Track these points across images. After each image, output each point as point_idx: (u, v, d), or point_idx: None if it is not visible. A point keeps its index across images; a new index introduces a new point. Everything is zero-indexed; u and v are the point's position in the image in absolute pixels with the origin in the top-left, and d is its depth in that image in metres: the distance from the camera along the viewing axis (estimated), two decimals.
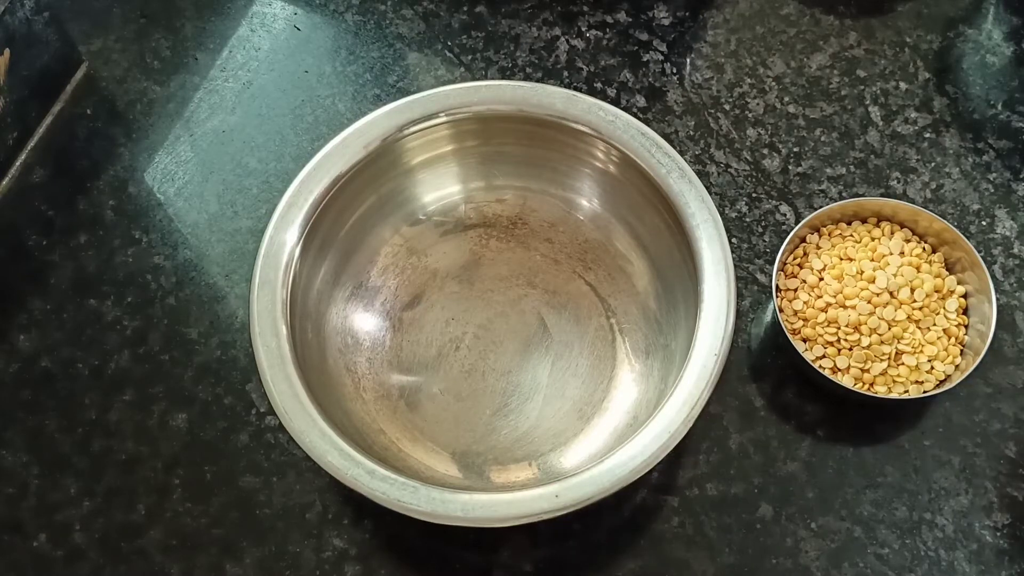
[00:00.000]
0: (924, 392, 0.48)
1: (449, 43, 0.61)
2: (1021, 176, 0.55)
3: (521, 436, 0.48)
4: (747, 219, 0.55)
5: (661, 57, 0.60)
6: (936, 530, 0.47)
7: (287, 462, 0.49)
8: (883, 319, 0.48)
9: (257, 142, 0.58)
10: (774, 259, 0.53)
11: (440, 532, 0.42)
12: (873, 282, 0.49)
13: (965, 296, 0.49)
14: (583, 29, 0.61)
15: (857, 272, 0.49)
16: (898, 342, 0.48)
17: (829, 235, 0.51)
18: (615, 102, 0.58)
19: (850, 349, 0.48)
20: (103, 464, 0.49)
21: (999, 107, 0.57)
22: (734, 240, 0.54)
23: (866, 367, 0.48)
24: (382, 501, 0.41)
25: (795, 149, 0.57)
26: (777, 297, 0.49)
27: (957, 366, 0.48)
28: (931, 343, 0.48)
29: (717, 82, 0.59)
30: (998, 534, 0.47)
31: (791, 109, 0.58)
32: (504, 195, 0.53)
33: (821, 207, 0.53)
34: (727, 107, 0.58)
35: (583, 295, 0.51)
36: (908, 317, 0.48)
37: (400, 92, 0.59)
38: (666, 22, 0.61)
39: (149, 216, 0.56)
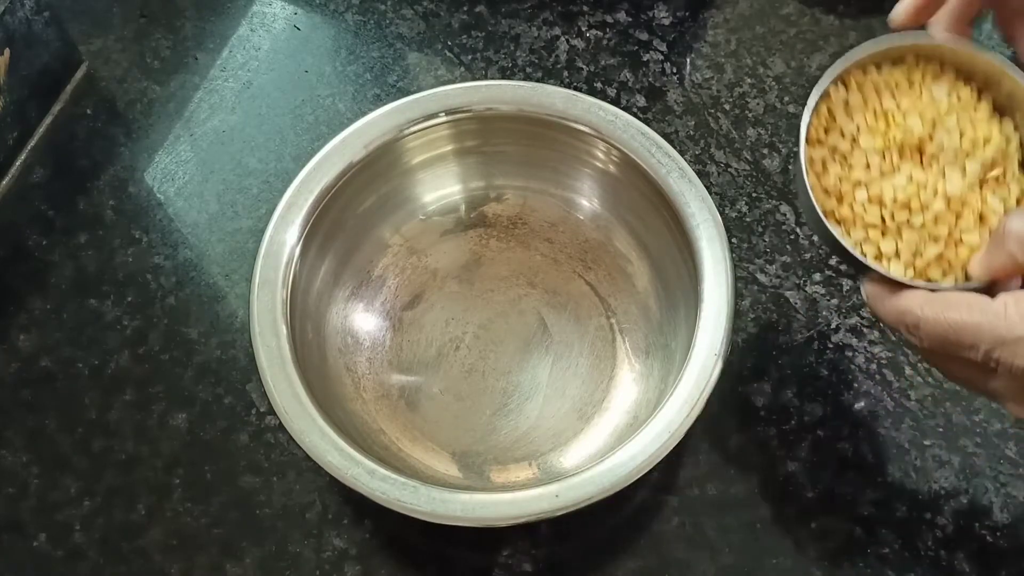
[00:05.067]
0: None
1: (449, 43, 0.61)
2: None
3: (521, 436, 0.48)
4: (747, 219, 0.55)
5: (661, 57, 0.60)
6: (936, 530, 0.47)
7: (287, 462, 0.49)
8: (939, 191, 0.39)
9: (257, 142, 0.58)
10: (774, 259, 0.53)
11: (440, 532, 0.42)
12: (924, 143, 0.39)
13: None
14: (583, 29, 0.61)
15: (901, 131, 0.40)
16: (959, 219, 0.39)
17: (859, 87, 0.41)
18: (615, 102, 0.58)
19: (898, 231, 0.39)
20: (103, 464, 0.49)
21: None
22: (734, 240, 0.54)
23: (918, 251, 0.39)
24: (382, 501, 0.41)
25: (795, 149, 0.57)
26: (808, 174, 0.40)
27: None
28: (995, 213, 0.39)
29: (717, 82, 0.59)
30: (998, 534, 0.47)
31: (791, 109, 0.58)
32: (504, 195, 0.53)
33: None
34: (727, 107, 0.58)
35: (583, 295, 0.51)
36: (971, 186, 0.39)
37: (400, 92, 0.59)
38: (666, 22, 0.61)
39: (149, 216, 0.56)
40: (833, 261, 0.53)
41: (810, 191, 0.39)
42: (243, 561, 0.47)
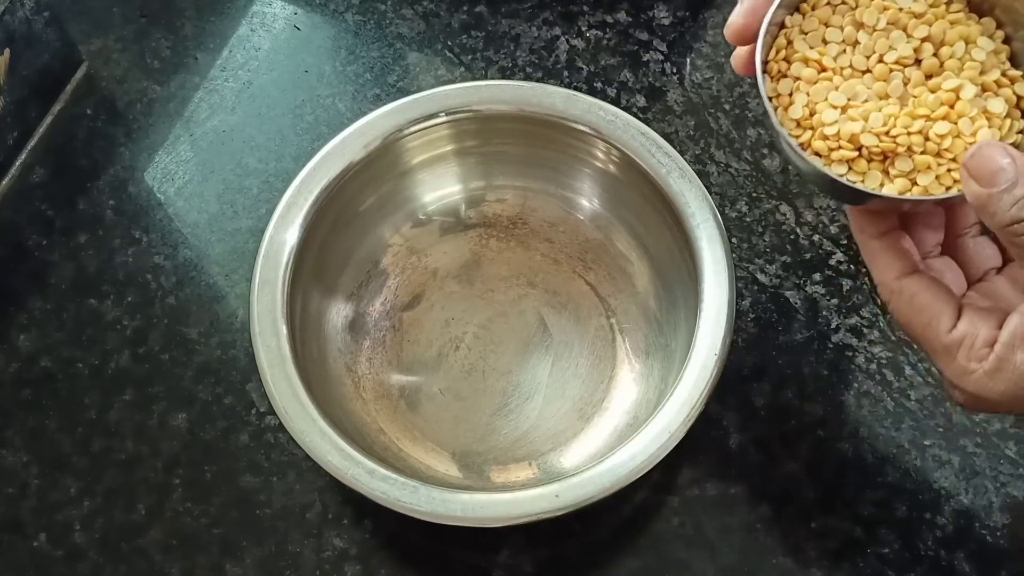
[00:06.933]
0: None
1: (449, 43, 0.61)
2: None
3: (521, 436, 0.48)
4: (747, 219, 0.55)
5: (661, 57, 0.59)
6: (936, 530, 0.47)
7: (287, 462, 0.49)
8: (925, 105, 0.37)
9: (257, 142, 0.58)
10: (774, 259, 0.53)
11: (440, 532, 0.42)
12: (890, 52, 0.37)
13: (1007, 41, 0.38)
14: (583, 29, 0.61)
15: (873, 41, 0.38)
16: (945, 138, 0.36)
17: (813, 8, 0.39)
18: (615, 102, 0.58)
19: (883, 159, 0.37)
20: (103, 464, 0.49)
21: None
22: (734, 240, 0.54)
23: (912, 175, 0.37)
24: (382, 501, 0.41)
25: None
26: (773, 111, 0.38)
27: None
28: (992, 116, 0.37)
29: (717, 82, 0.59)
30: (998, 534, 0.47)
31: None
32: (504, 195, 0.53)
33: (821, 206, 0.52)
34: (727, 107, 0.58)
35: (583, 295, 0.51)
36: (956, 92, 0.37)
37: (400, 92, 0.59)
38: (666, 22, 0.61)
39: (149, 216, 0.56)
40: (833, 261, 0.53)
41: (776, 120, 0.38)
42: (243, 561, 0.47)
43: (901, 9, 0.38)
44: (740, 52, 0.39)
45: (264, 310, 0.45)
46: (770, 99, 0.38)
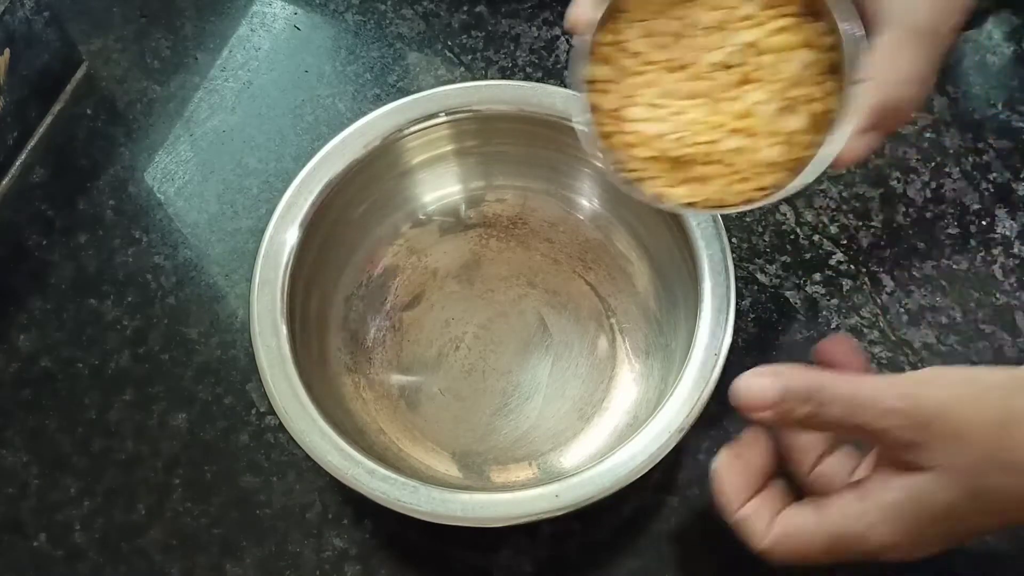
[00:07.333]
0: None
1: (449, 43, 0.61)
2: (1021, 176, 0.55)
3: (521, 436, 0.48)
4: (747, 219, 0.54)
5: None
6: None
7: (287, 462, 0.49)
8: (726, 114, 0.35)
9: (257, 142, 0.58)
10: (774, 259, 0.53)
11: (440, 532, 0.42)
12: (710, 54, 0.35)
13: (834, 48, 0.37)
14: None
15: (698, 40, 0.36)
16: (734, 152, 0.35)
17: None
18: None
19: (680, 164, 0.35)
20: (103, 464, 0.49)
21: (999, 107, 0.57)
22: (734, 240, 0.54)
23: (705, 183, 0.36)
24: (382, 501, 0.41)
25: None
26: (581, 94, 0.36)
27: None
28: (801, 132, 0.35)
29: None
30: (998, 534, 0.47)
31: None
32: (504, 195, 0.53)
33: (821, 206, 0.52)
34: None
35: (583, 295, 0.51)
36: (779, 109, 0.35)
37: (400, 92, 0.59)
38: None
39: (149, 216, 0.56)
40: (833, 261, 0.53)
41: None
42: (243, 561, 0.47)
43: (734, 10, 0.36)
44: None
45: (264, 310, 0.45)
46: (590, 83, 0.37)
